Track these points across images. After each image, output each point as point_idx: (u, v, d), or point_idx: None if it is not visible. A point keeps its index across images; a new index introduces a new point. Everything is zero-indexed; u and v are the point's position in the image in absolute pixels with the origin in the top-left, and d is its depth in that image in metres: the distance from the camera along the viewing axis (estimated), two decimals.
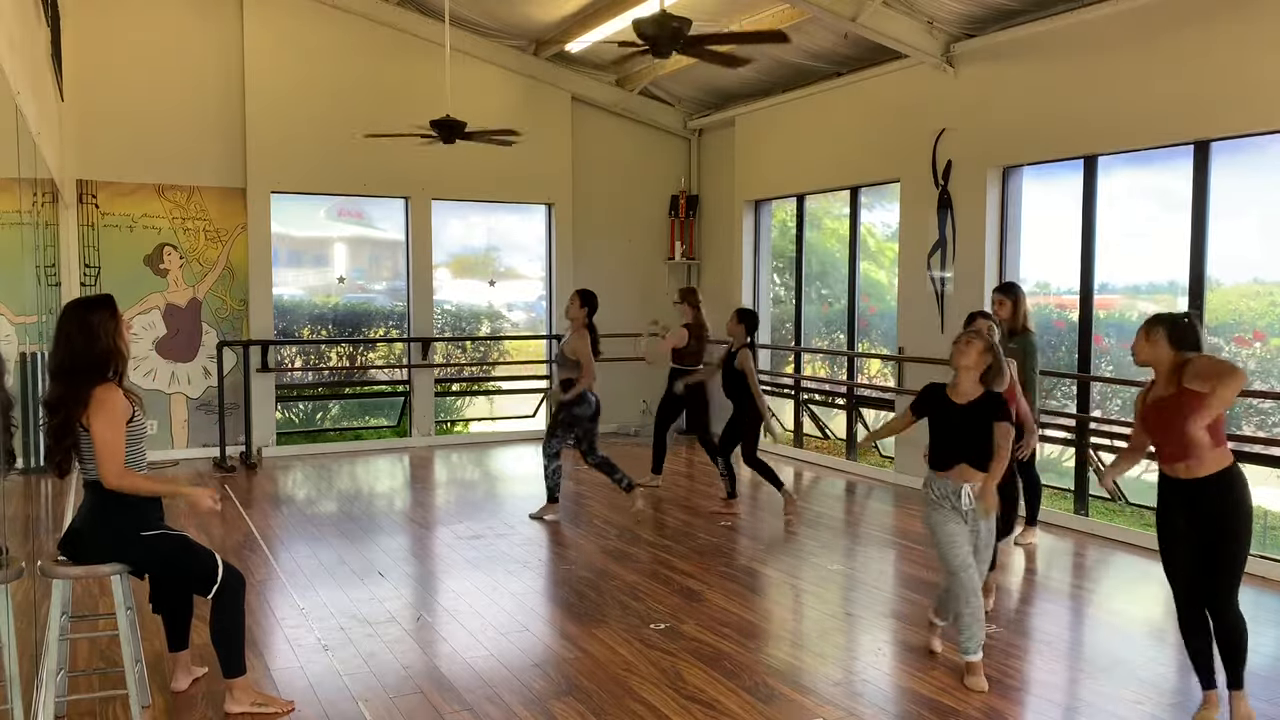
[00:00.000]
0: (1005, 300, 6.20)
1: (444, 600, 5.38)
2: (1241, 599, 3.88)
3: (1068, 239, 7.19)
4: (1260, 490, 6.63)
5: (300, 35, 9.62)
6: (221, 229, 9.52)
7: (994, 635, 4.83)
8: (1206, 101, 6.11)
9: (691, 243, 11.49)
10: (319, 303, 10.31)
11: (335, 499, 8.05)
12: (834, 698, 4.11)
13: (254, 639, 4.74)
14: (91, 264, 9.05)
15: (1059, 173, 7.38)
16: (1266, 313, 6.43)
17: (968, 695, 4.11)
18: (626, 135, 11.26)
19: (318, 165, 9.69)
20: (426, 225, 10.27)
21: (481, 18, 9.77)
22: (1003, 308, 6.15)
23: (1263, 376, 6.44)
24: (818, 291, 10.13)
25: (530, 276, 11.22)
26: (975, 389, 4.33)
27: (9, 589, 3.05)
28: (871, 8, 7.42)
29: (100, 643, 4.59)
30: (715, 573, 5.86)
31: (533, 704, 4.03)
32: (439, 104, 8.28)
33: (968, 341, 4.33)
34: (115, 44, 9.01)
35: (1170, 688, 4.29)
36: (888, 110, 8.63)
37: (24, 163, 4.40)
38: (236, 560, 6.04)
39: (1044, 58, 7.20)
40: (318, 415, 10.60)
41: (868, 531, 6.71)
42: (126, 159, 9.10)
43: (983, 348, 4.30)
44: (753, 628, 4.94)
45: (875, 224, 9.45)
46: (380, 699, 4.08)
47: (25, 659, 3.44)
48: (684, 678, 4.29)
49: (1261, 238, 6.31)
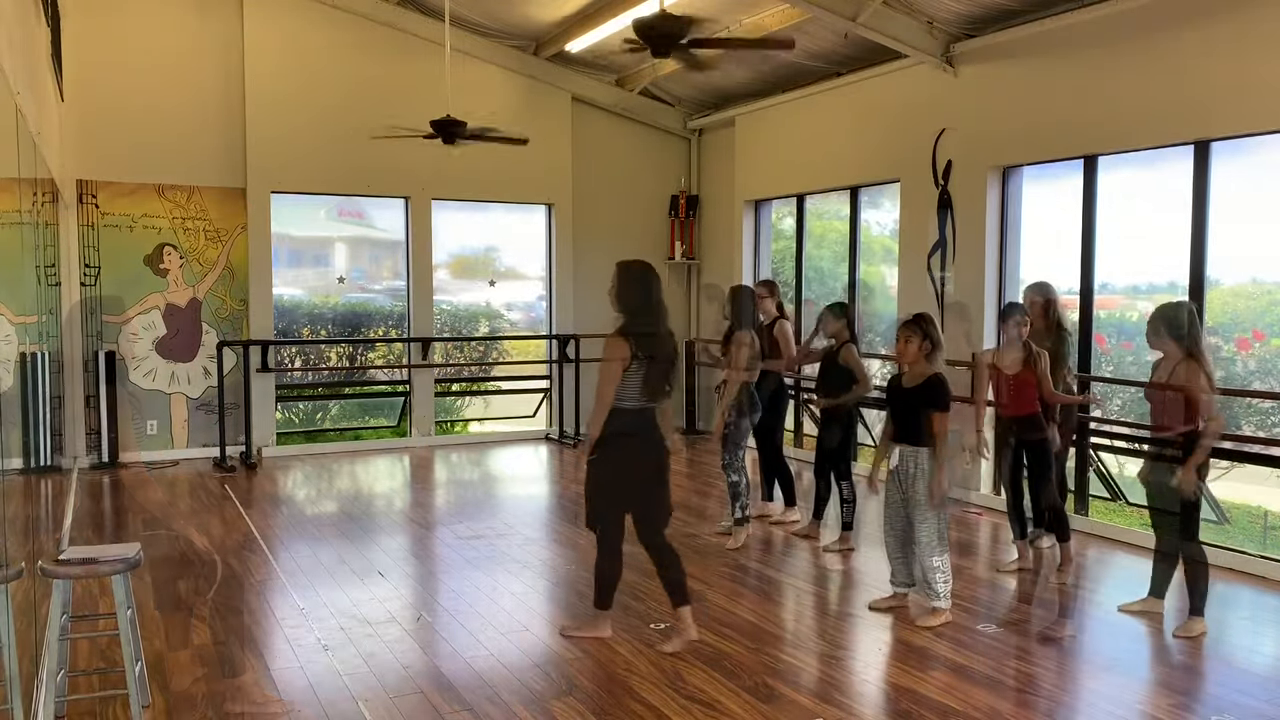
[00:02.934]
0: (1038, 300, 6.23)
1: (444, 600, 5.38)
2: (1241, 599, 3.89)
3: (1068, 239, 7.19)
4: (1260, 490, 6.66)
5: (300, 35, 9.62)
6: (221, 229, 9.52)
7: (994, 635, 4.83)
8: (1206, 101, 6.11)
9: (691, 243, 11.49)
10: (319, 303, 10.30)
11: (335, 499, 8.05)
12: (834, 698, 4.11)
13: (254, 639, 4.75)
14: (91, 264, 9.05)
15: (1059, 173, 7.38)
16: (1266, 312, 6.43)
17: (968, 695, 4.11)
18: (626, 135, 11.26)
19: (318, 165, 9.69)
20: (426, 225, 10.27)
21: (481, 18, 9.77)
22: (1034, 308, 6.17)
23: (1262, 376, 6.44)
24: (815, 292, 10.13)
25: (530, 276, 11.22)
26: (923, 373, 4.99)
27: (9, 589, 3.05)
28: (871, 8, 7.42)
29: (100, 643, 4.59)
30: (715, 573, 5.86)
31: (533, 704, 4.02)
32: (439, 104, 8.28)
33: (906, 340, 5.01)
34: (115, 44, 9.01)
35: (1171, 687, 4.29)
36: (888, 110, 8.63)
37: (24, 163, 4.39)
38: (236, 560, 6.05)
39: (1044, 58, 7.20)
40: (318, 415, 10.60)
41: (867, 532, 6.70)
42: (126, 159, 9.10)
43: (919, 340, 4.97)
44: (753, 628, 4.94)
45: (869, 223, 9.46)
46: (380, 699, 4.07)
47: (25, 659, 3.44)
48: (684, 678, 4.29)
49: (1261, 237, 6.30)
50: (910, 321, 5.06)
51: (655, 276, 4.64)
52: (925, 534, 4.96)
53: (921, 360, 5.00)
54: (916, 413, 4.99)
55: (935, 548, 4.95)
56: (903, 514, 5.09)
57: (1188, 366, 4.74)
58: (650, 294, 4.57)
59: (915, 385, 5.01)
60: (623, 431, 4.54)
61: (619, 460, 4.57)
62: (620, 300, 4.57)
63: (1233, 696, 4.13)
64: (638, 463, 4.61)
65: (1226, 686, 4.25)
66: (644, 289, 4.57)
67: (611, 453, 4.55)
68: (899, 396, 5.09)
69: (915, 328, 5.01)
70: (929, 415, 4.94)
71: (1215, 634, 4.89)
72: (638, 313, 4.54)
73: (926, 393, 4.95)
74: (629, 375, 4.51)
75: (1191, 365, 4.73)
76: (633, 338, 4.50)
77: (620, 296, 4.57)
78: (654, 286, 4.59)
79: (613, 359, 4.49)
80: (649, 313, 4.56)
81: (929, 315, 5.11)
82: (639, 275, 4.62)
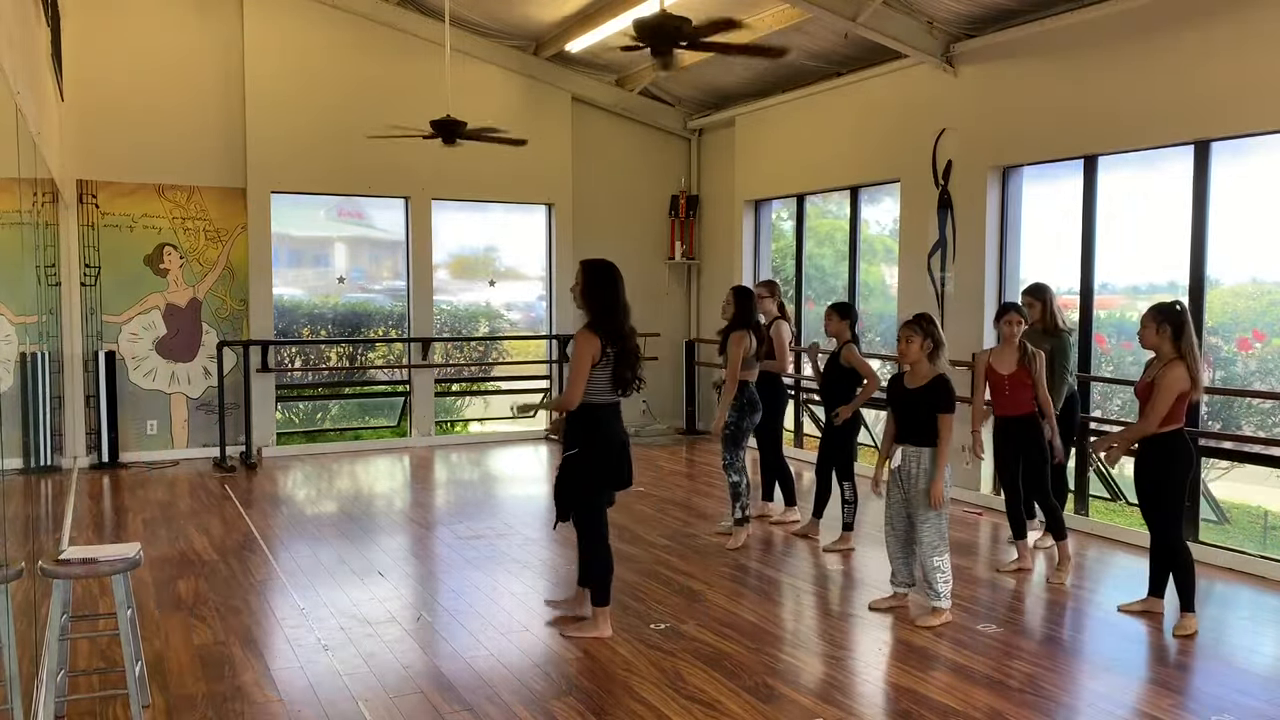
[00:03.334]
0: (1035, 302, 6.30)
1: (444, 600, 5.38)
2: (1241, 599, 3.89)
3: (1068, 239, 7.19)
4: (1260, 490, 6.66)
5: (300, 35, 9.62)
6: (221, 229, 9.52)
7: (994, 635, 4.84)
8: (1206, 101, 6.11)
9: (691, 243, 11.49)
10: (319, 303, 10.30)
11: (335, 499, 8.05)
12: (834, 698, 4.11)
13: (254, 639, 4.75)
14: (91, 264, 9.05)
15: (1059, 173, 7.38)
16: (1266, 312, 6.43)
17: (968, 695, 4.11)
18: (626, 135, 11.26)
19: (318, 165, 9.69)
20: (426, 225, 10.27)
21: (481, 18, 9.77)
22: (1032, 309, 6.21)
23: (1262, 376, 6.44)
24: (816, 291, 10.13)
25: (530, 276, 11.22)
26: (926, 374, 5.00)
27: (9, 589, 3.05)
28: (871, 8, 7.42)
29: (100, 643, 4.59)
30: (715, 573, 5.86)
31: (533, 704, 4.02)
32: (439, 104, 8.28)
33: (907, 339, 5.00)
34: (115, 44, 9.01)
35: (1170, 687, 4.29)
36: (888, 110, 8.63)
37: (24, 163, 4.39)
38: (236, 560, 6.06)
39: (1044, 58, 7.20)
40: (318, 415, 10.60)
41: (867, 532, 6.70)
42: (126, 159, 9.10)
43: (920, 340, 4.97)
44: (753, 628, 4.94)
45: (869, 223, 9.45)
46: (380, 699, 4.07)
47: (25, 659, 3.44)
48: (684, 678, 4.29)
49: (1261, 237, 6.30)
50: (912, 321, 5.07)
51: (620, 275, 4.77)
52: (927, 534, 4.97)
53: (923, 360, 5.01)
54: (919, 413, 4.99)
55: (936, 548, 4.96)
56: (904, 514, 5.10)
57: (1174, 366, 4.75)
58: (618, 292, 4.71)
59: (919, 386, 5.02)
60: (598, 425, 4.69)
61: (599, 454, 4.71)
62: (589, 298, 4.68)
63: (1233, 696, 4.13)
64: (615, 455, 4.76)
65: (1226, 686, 4.25)
66: (612, 287, 4.70)
67: (591, 447, 4.70)
68: (901, 396, 5.10)
69: (916, 327, 5.02)
70: (934, 416, 4.95)
71: (1215, 634, 4.89)
72: (607, 310, 4.66)
73: (930, 394, 4.96)
74: (599, 370, 4.65)
75: (1178, 366, 4.74)
76: (602, 333, 4.62)
77: (590, 294, 4.69)
78: (620, 285, 4.74)
79: (586, 354, 4.59)
80: (617, 310, 4.69)
81: (930, 315, 5.12)
82: (606, 274, 4.74)
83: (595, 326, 4.64)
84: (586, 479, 4.75)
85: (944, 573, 4.97)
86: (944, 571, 4.97)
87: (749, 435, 6.55)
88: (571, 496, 4.79)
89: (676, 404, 11.48)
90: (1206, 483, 6.50)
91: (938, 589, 4.97)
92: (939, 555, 4.96)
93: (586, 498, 4.78)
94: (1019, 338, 5.77)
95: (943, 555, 4.98)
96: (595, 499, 4.80)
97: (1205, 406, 6.47)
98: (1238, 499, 6.83)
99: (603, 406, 4.71)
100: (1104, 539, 6.67)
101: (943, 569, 4.97)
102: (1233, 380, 6.49)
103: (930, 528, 4.96)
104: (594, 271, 4.73)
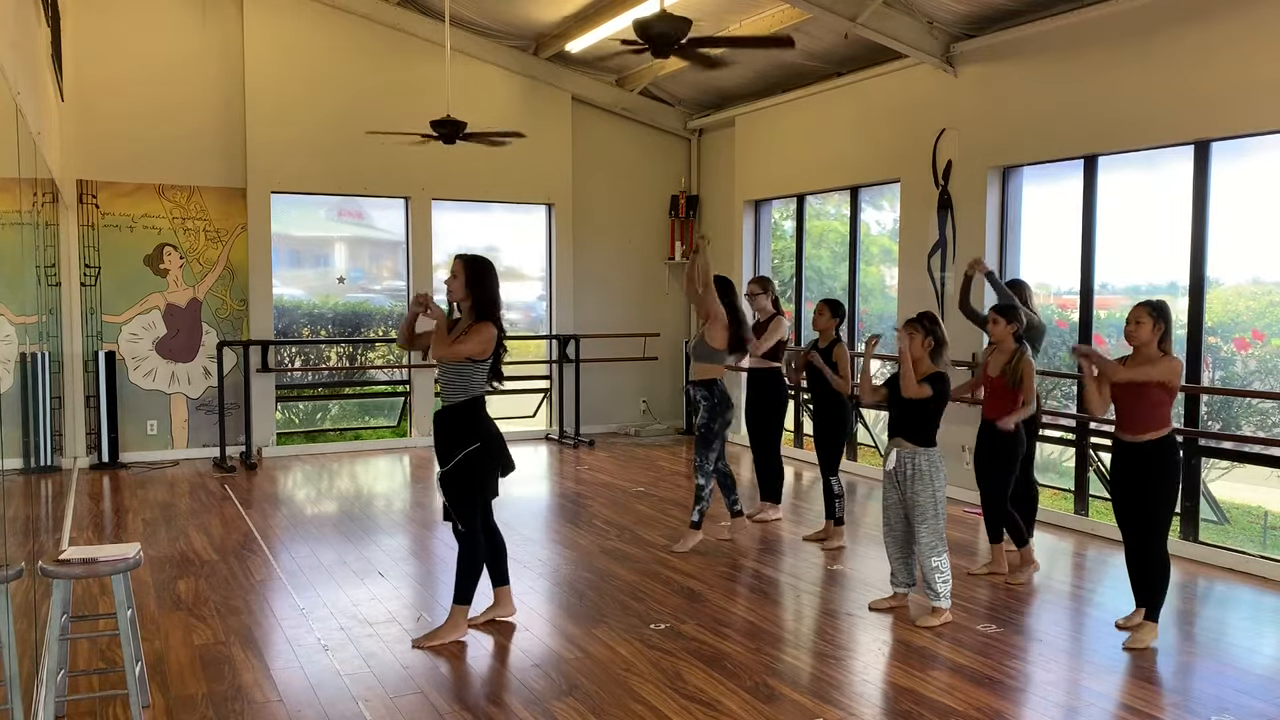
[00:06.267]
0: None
1: (444, 600, 5.37)
2: (1242, 598, 3.89)
3: (1068, 239, 7.19)
4: (1260, 490, 6.66)
5: (300, 35, 9.62)
6: (221, 229, 9.52)
7: (994, 635, 4.84)
8: (1206, 101, 6.11)
9: (691, 243, 11.48)
10: (319, 303, 10.30)
11: (335, 499, 8.05)
12: (834, 698, 4.11)
13: (254, 639, 4.75)
14: (91, 264, 9.06)
15: (1059, 173, 7.38)
16: (1266, 312, 6.43)
17: (968, 695, 4.11)
18: (626, 135, 11.27)
19: (318, 165, 9.69)
20: (426, 225, 10.27)
21: (481, 18, 9.77)
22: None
23: (1262, 376, 6.44)
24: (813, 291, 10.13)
25: (530, 276, 11.22)
26: (926, 371, 5.01)
27: (9, 589, 3.05)
28: (871, 8, 7.42)
29: (100, 643, 4.59)
30: (715, 573, 5.86)
31: (533, 704, 4.03)
32: (439, 104, 8.29)
33: (909, 336, 5.02)
34: (115, 44, 9.01)
35: (1170, 687, 4.29)
36: (888, 110, 8.63)
37: (24, 163, 4.39)
38: (236, 560, 6.06)
39: (1044, 58, 7.20)
40: (318, 415, 10.60)
41: (867, 532, 6.71)
42: (126, 159, 9.11)
43: (922, 337, 5.01)
44: (753, 628, 4.94)
45: (869, 223, 9.45)
46: (380, 699, 4.07)
47: (25, 659, 3.43)
48: (684, 678, 4.29)
49: (1261, 237, 6.30)
50: (914, 319, 5.10)
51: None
52: (925, 535, 4.98)
53: (924, 358, 5.03)
54: (915, 409, 5.02)
55: (935, 548, 4.96)
56: (901, 515, 5.11)
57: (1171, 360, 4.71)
58: (498, 287, 4.82)
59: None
60: (483, 418, 4.80)
61: (498, 444, 4.84)
62: (481, 289, 4.72)
63: (1233, 696, 4.13)
64: (502, 442, 4.89)
65: (1226, 686, 4.25)
66: (495, 282, 4.81)
67: (490, 439, 4.80)
68: (899, 392, 5.12)
69: (918, 325, 5.05)
70: (930, 414, 5.00)
71: (1215, 634, 4.91)
72: (495, 303, 4.76)
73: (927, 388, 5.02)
74: (482, 364, 4.75)
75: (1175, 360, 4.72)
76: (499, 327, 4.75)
77: (482, 286, 4.72)
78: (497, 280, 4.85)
79: (488, 345, 4.70)
80: (498, 305, 4.79)
81: (934, 314, 5.13)
82: (491, 269, 4.81)
83: (492, 318, 4.72)
84: (488, 471, 4.80)
85: (943, 573, 4.98)
86: (943, 572, 4.98)
87: (721, 436, 6.27)
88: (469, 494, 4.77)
89: (676, 404, 11.49)
90: (1206, 483, 6.50)
91: (937, 589, 4.98)
92: (937, 555, 4.97)
93: (484, 493, 4.84)
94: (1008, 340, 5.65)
95: (941, 555, 4.98)
96: (486, 493, 4.87)
97: (1205, 406, 6.48)
98: (1238, 499, 6.83)
99: (481, 399, 4.82)
100: (1103, 539, 6.67)
101: (941, 569, 4.98)
102: (1232, 380, 6.49)
103: (928, 529, 4.97)
104: (479, 266, 4.77)
